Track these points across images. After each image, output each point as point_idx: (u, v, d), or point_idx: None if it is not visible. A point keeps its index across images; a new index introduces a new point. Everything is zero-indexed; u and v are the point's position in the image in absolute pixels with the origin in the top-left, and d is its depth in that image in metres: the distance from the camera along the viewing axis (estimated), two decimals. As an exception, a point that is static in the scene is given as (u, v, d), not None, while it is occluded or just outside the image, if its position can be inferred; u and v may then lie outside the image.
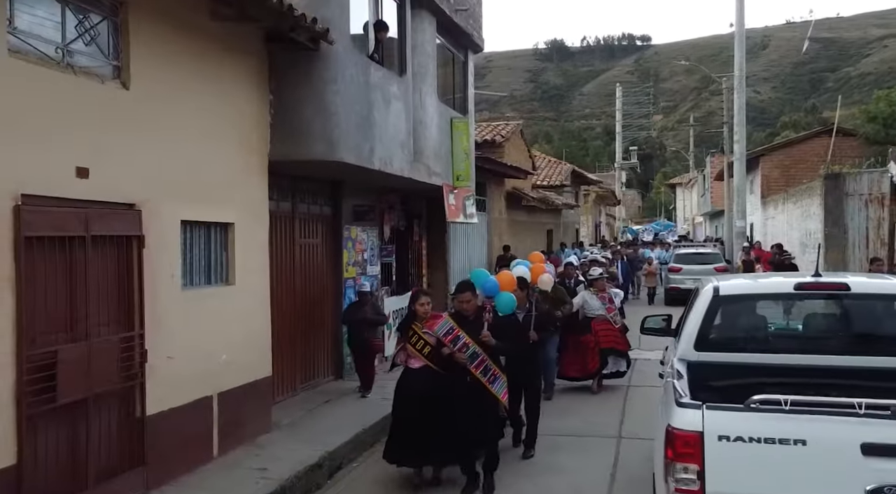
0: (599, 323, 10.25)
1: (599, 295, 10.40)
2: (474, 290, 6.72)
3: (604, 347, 10.14)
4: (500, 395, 6.48)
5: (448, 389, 6.45)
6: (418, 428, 6.44)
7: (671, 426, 3.52)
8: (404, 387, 6.71)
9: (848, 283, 4.72)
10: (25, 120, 4.95)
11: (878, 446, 3.17)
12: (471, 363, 6.32)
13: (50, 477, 5.11)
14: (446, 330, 6.34)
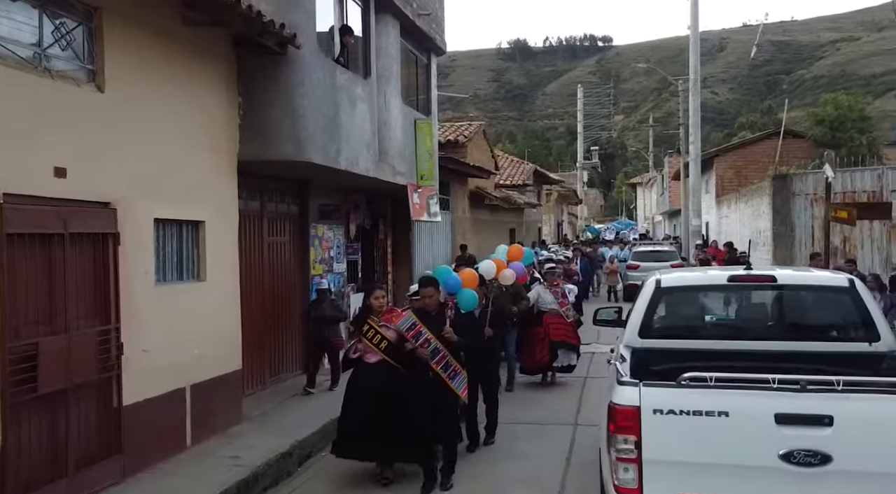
0: (551, 316, 10.39)
1: (553, 290, 10.55)
2: (437, 285, 6.78)
3: (554, 340, 10.29)
4: (460, 391, 6.52)
5: (405, 384, 6.48)
6: (374, 424, 6.44)
7: (612, 402, 3.93)
8: (359, 382, 6.69)
9: (775, 275, 5.21)
10: (5, 122, 5.18)
11: (789, 416, 3.62)
12: (432, 358, 6.33)
13: (32, 464, 5.35)
14: (409, 325, 6.37)
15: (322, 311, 9.63)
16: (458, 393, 6.51)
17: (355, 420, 6.60)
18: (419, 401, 6.40)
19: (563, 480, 6.58)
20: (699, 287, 5.65)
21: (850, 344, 4.82)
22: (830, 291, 5.18)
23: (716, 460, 3.68)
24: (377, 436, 6.45)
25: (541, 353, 10.25)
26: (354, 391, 6.72)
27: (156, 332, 6.73)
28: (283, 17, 8.05)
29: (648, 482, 3.74)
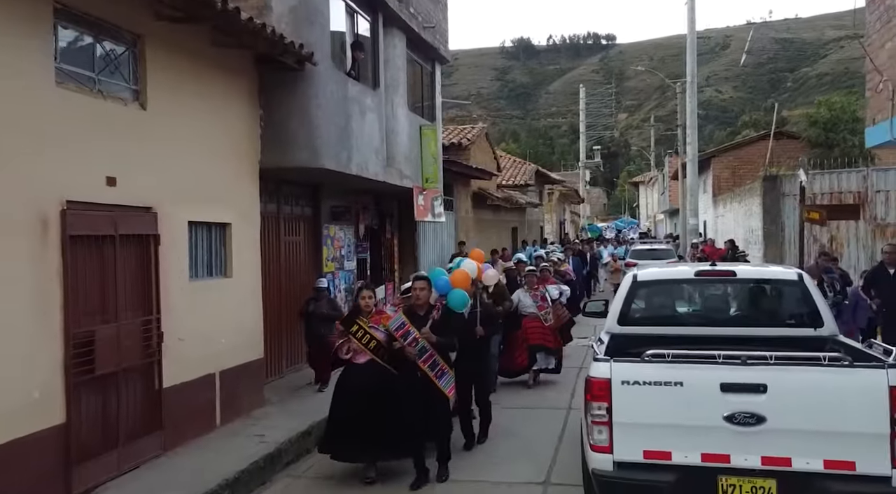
0: (530, 320, 10.31)
1: (532, 293, 10.46)
2: (429, 282, 6.91)
3: (532, 344, 10.24)
4: (447, 390, 6.58)
5: (394, 384, 6.59)
6: (364, 424, 6.52)
7: (589, 376, 4.70)
8: (348, 382, 6.77)
9: (735, 270, 5.98)
10: (68, 139, 5.97)
11: (732, 384, 4.37)
12: (419, 357, 6.45)
13: (90, 435, 6.15)
14: (398, 324, 6.50)
15: (319, 309, 9.76)
16: (444, 391, 6.57)
17: (343, 419, 6.66)
18: (409, 399, 6.50)
19: (554, 455, 7.33)
20: (670, 281, 6.42)
21: (799, 330, 5.57)
22: (782, 284, 5.94)
23: (672, 421, 4.44)
24: (365, 436, 6.52)
25: (519, 357, 10.24)
26: (343, 390, 6.80)
27: (189, 323, 7.52)
28: (300, 35, 8.85)
29: (618, 441, 4.51)
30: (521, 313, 10.30)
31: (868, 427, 4.17)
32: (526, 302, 10.36)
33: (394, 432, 6.56)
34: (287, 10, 8.96)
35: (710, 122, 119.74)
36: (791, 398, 4.30)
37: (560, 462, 7.06)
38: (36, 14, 5.68)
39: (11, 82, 5.41)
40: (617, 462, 4.53)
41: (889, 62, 8.13)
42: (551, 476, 6.73)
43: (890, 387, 4.18)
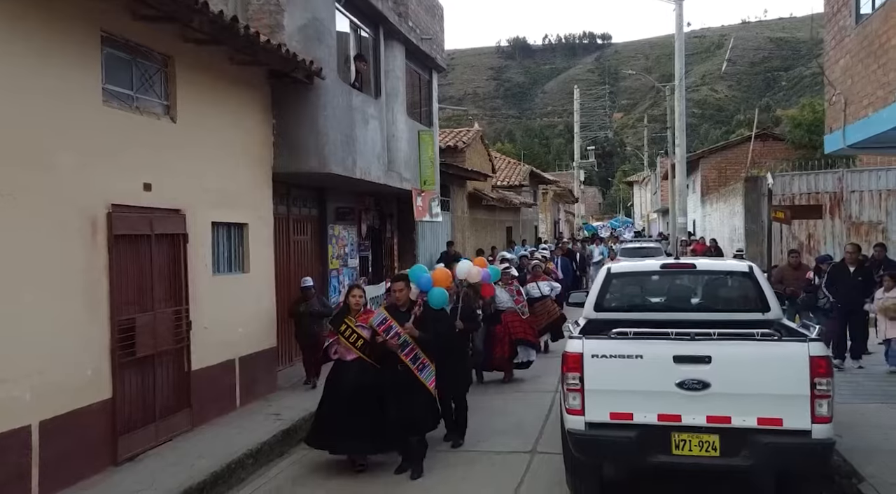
0: (509, 315, 10.50)
1: (508, 288, 10.63)
2: (408, 282, 7.16)
3: (514, 338, 10.49)
4: (428, 382, 6.82)
5: (381, 380, 6.84)
6: (349, 418, 6.74)
7: (565, 351, 5.56)
8: (337, 378, 7.00)
9: (695, 263, 6.86)
10: (114, 150, 6.82)
11: (682, 356, 5.21)
12: (401, 350, 6.72)
13: (132, 410, 7.01)
14: (380, 320, 6.77)
15: (311, 307, 9.91)
16: (426, 384, 6.80)
17: (331, 415, 6.89)
18: (395, 395, 6.75)
19: (541, 429, 8.20)
20: (639, 273, 7.28)
21: (749, 314, 6.42)
22: (735, 275, 6.81)
23: (633, 388, 5.29)
24: (353, 432, 6.76)
25: (500, 350, 10.45)
26: (333, 387, 7.03)
27: (213, 313, 8.37)
28: (309, 52, 9.71)
29: (588, 404, 5.37)
30: (498, 308, 10.49)
31: (793, 389, 5.04)
32: (503, 297, 10.52)
33: (379, 426, 6.75)
34: (297, 29, 9.81)
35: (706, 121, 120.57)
36: (731, 367, 5.17)
37: (546, 435, 7.93)
38: (86, 41, 6.53)
39: (67, 103, 6.26)
40: (588, 423, 5.39)
41: (842, 77, 9.00)
42: (538, 446, 7.61)
43: (810, 357, 5.05)
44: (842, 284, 10.19)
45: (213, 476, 6.61)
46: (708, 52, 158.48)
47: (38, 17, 5.96)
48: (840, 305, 10.18)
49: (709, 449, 5.18)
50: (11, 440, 5.61)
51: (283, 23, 9.77)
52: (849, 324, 10.28)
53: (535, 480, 6.65)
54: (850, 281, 10.16)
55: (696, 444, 5.20)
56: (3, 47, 5.55)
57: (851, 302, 10.11)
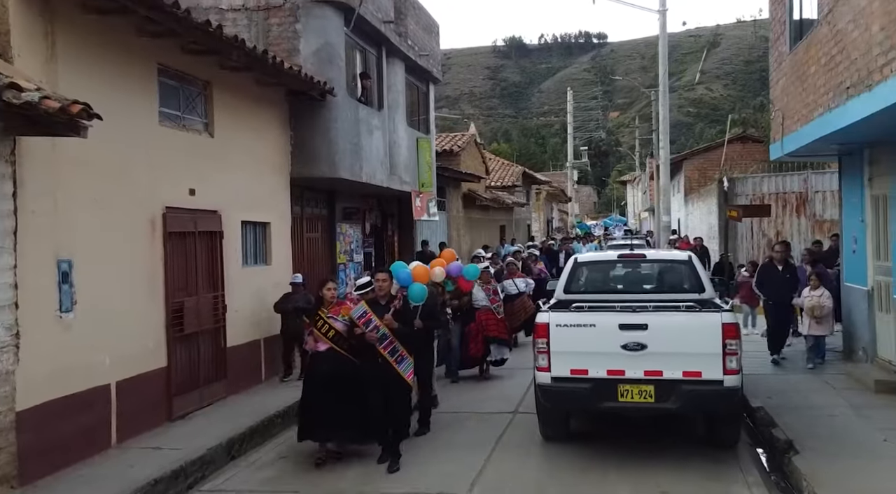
0: (483, 313, 10.62)
1: (484, 288, 10.77)
2: (391, 274, 7.48)
3: (488, 336, 10.63)
4: (406, 374, 7.05)
5: (356, 371, 7.05)
6: (323, 407, 6.96)
7: (536, 322, 7.03)
8: (315, 370, 7.24)
9: (645, 254, 8.34)
10: (167, 163, 8.28)
11: (626, 325, 6.65)
12: (380, 343, 6.93)
13: (181, 377, 8.46)
14: (360, 313, 6.97)
15: (294, 303, 9.95)
16: (404, 376, 7.03)
17: (313, 406, 7.10)
18: (373, 387, 6.98)
19: (523, 396, 9.62)
20: (601, 261, 8.75)
21: (689, 295, 7.84)
22: (678, 263, 8.28)
23: (588, 350, 6.74)
24: (329, 421, 6.98)
25: (474, 348, 10.59)
26: (311, 377, 7.30)
27: (242, 299, 9.82)
28: (322, 73, 11.16)
29: (553, 363, 6.82)
30: (474, 306, 10.64)
31: (709, 349, 6.49)
32: (479, 295, 10.67)
33: (351, 417, 6.99)
34: (311, 52, 11.27)
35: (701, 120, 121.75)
36: (663, 332, 6.62)
37: (526, 400, 9.34)
38: (147, 74, 8.00)
39: (134, 124, 7.70)
40: (553, 378, 6.86)
41: (780, 96, 10.45)
42: (519, 408, 9.08)
43: (722, 324, 6.52)
44: (771, 282, 10.79)
45: (251, 430, 8.07)
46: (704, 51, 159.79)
47: (117, 58, 7.42)
48: (771, 302, 10.83)
49: (646, 397, 6.66)
50: (97, 394, 7.07)
51: (300, 47, 11.22)
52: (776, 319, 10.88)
53: (515, 431, 8.14)
54: (779, 279, 10.71)
55: (637, 393, 6.67)
56: (91, 82, 6.99)
57: (780, 299, 10.68)
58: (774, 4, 10.82)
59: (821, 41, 8.42)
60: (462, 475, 6.68)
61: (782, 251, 11.00)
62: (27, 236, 6.24)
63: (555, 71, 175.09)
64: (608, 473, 6.66)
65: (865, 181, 9.74)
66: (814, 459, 6.54)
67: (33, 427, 6.23)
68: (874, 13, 6.63)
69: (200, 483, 6.85)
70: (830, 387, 9.21)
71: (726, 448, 7.13)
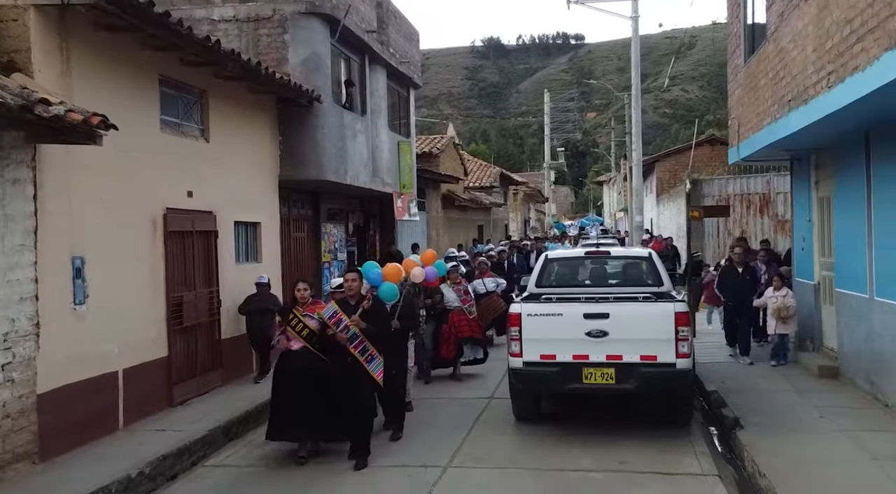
0: (456, 314, 10.63)
1: (455, 288, 10.80)
2: (361, 274, 7.43)
3: (460, 336, 10.65)
4: (376, 374, 7.07)
5: (326, 370, 7.07)
6: (297, 404, 6.99)
7: (509, 312, 7.76)
8: (285, 368, 7.23)
9: (610, 251, 9.13)
10: (168, 167, 8.90)
11: (590, 314, 7.38)
12: (350, 343, 6.93)
13: (181, 366, 9.09)
14: (331, 313, 6.97)
15: (261, 303, 10.09)
16: (373, 375, 7.05)
17: (283, 404, 7.14)
18: (342, 386, 7.00)
19: (500, 383, 10.34)
20: (570, 258, 9.52)
21: (649, 288, 8.61)
22: (639, 259, 9.08)
23: (556, 336, 7.47)
24: (299, 417, 7.00)
25: (446, 350, 10.63)
26: (280, 375, 7.29)
27: (236, 294, 10.43)
28: (309, 81, 11.81)
29: (525, 349, 7.53)
30: (447, 307, 10.69)
31: (663, 335, 7.26)
32: (450, 296, 10.70)
33: (326, 414, 7.03)
34: (299, 62, 11.91)
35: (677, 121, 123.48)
36: (623, 320, 7.38)
37: (503, 387, 10.07)
38: (150, 83, 8.62)
39: (137, 131, 8.30)
40: (524, 362, 7.60)
41: (737, 105, 11.29)
42: (495, 394, 9.81)
43: (675, 313, 7.30)
44: (731, 284, 11.14)
45: (247, 414, 8.72)
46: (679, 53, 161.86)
47: (123, 70, 8.04)
48: (731, 303, 11.18)
49: (607, 378, 7.41)
50: (107, 380, 7.69)
51: (288, 57, 11.86)
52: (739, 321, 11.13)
53: (491, 413, 8.87)
54: (739, 281, 11.05)
55: (599, 375, 7.42)
56: (101, 93, 7.60)
57: (741, 300, 10.95)
58: (731, 19, 11.66)
59: (768, 57, 9.25)
60: (442, 450, 7.40)
61: (741, 253, 11.35)
62: (46, 235, 6.85)
63: (533, 71, 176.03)
64: (573, 448, 7.40)
65: (812, 184, 10.60)
66: (756, 433, 7.35)
67: (52, 409, 6.84)
68: (809, 36, 7.45)
69: (203, 460, 7.50)
70: (779, 374, 10.05)
71: (680, 425, 7.91)
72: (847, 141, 8.69)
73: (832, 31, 6.70)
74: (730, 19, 11.75)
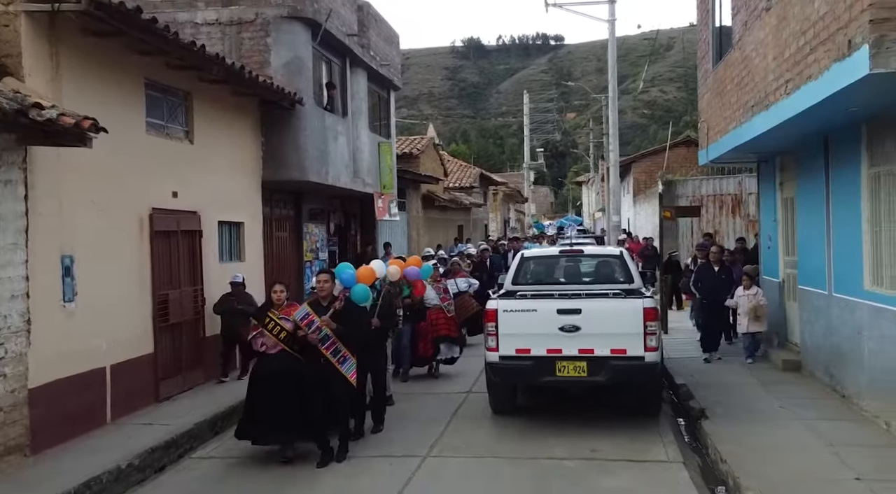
0: (434, 312, 10.70)
1: (435, 286, 10.82)
2: (333, 276, 7.47)
3: (437, 335, 10.67)
4: (349, 375, 7.10)
5: (302, 372, 7.06)
6: (274, 407, 6.97)
7: (486, 308, 8.08)
8: (262, 371, 7.23)
9: (583, 249, 9.50)
10: (152, 166, 9.11)
11: (563, 309, 7.72)
12: (322, 344, 6.97)
13: (169, 363, 9.31)
14: (303, 315, 7.02)
15: (236, 303, 10.08)
16: (346, 376, 7.08)
17: (258, 406, 7.13)
18: (315, 386, 7.00)
19: (477, 378, 10.65)
20: (544, 256, 9.87)
21: (621, 285, 8.96)
22: (610, 257, 9.45)
23: (531, 332, 7.78)
24: (278, 421, 7.00)
25: (423, 348, 10.70)
26: (258, 378, 7.27)
27: (219, 293, 10.63)
28: (292, 84, 12.06)
29: (501, 344, 7.85)
30: (426, 305, 10.72)
31: (632, 329, 7.61)
32: (429, 294, 10.69)
33: (301, 415, 7.02)
34: (282, 65, 12.15)
35: (655, 122, 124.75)
36: (594, 316, 7.72)
37: (480, 382, 10.39)
38: (136, 87, 8.84)
39: (124, 133, 8.51)
40: (500, 356, 7.92)
41: (706, 109, 11.71)
42: (472, 389, 10.13)
43: (643, 308, 7.65)
44: (707, 282, 11.34)
45: (231, 409, 8.94)
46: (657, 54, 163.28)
47: (111, 74, 8.26)
48: (707, 301, 11.32)
49: (580, 371, 7.76)
50: (95, 376, 7.91)
51: (271, 60, 12.10)
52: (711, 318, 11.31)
53: (469, 406, 9.19)
54: (715, 279, 11.27)
55: (572, 368, 7.76)
56: (90, 96, 7.81)
57: (717, 298, 11.11)
58: (701, 26, 12.08)
59: (734, 64, 9.66)
60: (422, 441, 7.70)
61: (717, 252, 11.50)
62: (36, 234, 7.06)
63: (513, 72, 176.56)
64: (548, 437, 7.74)
65: (777, 185, 11.04)
66: (720, 423, 7.74)
67: (43, 403, 7.05)
68: (769, 45, 7.84)
69: (190, 452, 7.74)
70: (745, 368, 10.46)
71: (650, 416, 8.27)
72: (808, 144, 9.12)
73: (789, 42, 7.10)
74: (700, 26, 12.18)
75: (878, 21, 5.11)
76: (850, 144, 7.88)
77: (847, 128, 7.75)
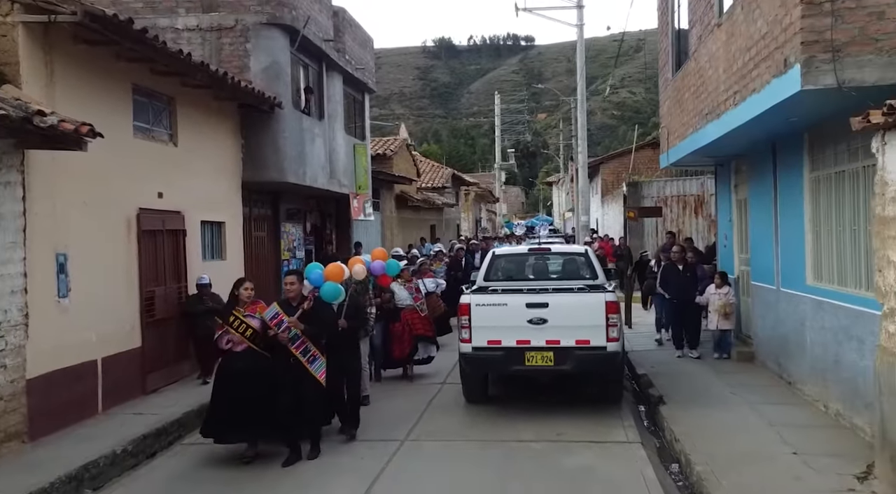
0: (409, 312, 10.67)
1: (406, 286, 10.83)
2: (300, 277, 7.45)
3: (414, 335, 10.65)
4: (318, 374, 7.09)
5: (270, 370, 7.05)
6: (241, 406, 6.93)
7: (460, 302, 8.62)
8: (228, 369, 7.15)
9: (550, 247, 10.08)
10: (140, 170, 9.50)
11: (531, 303, 8.28)
12: (292, 344, 6.98)
13: (154, 357, 9.70)
14: (273, 314, 7.02)
15: (204, 305, 9.97)
16: (316, 376, 7.07)
17: (224, 404, 7.07)
18: (283, 385, 6.99)
19: (451, 370, 11.19)
20: (514, 254, 10.45)
21: (585, 281, 9.55)
22: (576, 255, 10.06)
23: (501, 324, 8.33)
24: (244, 420, 6.98)
25: (399, 349, 10.61)
26: (224, 376, 7.19)
27: (202, 290, 11.05)
28: (270, 88, 12.49)
29: (473, 336, 8.38)
30: (398, 306, 10.67)
31: (595, 322, 8.20)
32: (402, 295, 10.70)
33: (268, 415, 7.00)
34: (261, 69, 12.57)
35: (625, 123, 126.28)
36: (560, 309, 8.30)
37: (454, 374, 10.92)
38: (124, 92, 9.22)
39: (113, 136, 8.85)
40: (473, 347, 8.46)
41: (667, 115, 12.39)
42: (447, 380, 10.66)
43: (605, 302, 8.25)
44: (674, 281, 11.56)
45: (216, 401, 9.37)
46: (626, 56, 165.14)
47: (101, 81, 8.64)
48: (675, 301, 11.53)
49: (547, 361, 8.33)
50: (87, 368, 8.29)
51: (250, 65, 12.51)
52: (683, 317, 11.46)
53: (443, 396, 9.73)
54: (681, 278, 11.47)
55: (540, 358, 8.33)
56: (82, 102, 8.19)
57: (684, 297, 11.31)
58: (661, 36, 12.75)
59: (691, 74, 10.31)
60: (400, 427, 8.22)
61: (679, 252, 11.65)
62: (33, 233, 7.44)
63: (484, 72, 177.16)
64: (517, 423, 8.30)
65: (732, 187, 11.73)
66: (675, 407, 8.36)
67: (40, 393, 7.44)
68: (720, 58, 8.49)
69: (179, 439, 8.17)
70: (705, 360, 11.13)
71: (612, 403, 8.88)
72: (759, 150, 9.80)
73: (737, 56, 7.74)
74: (661, 36, 12.84)
75: (809, 43, 5.74)
76: (795, 150, 8.55)
77: (791, 135, 8.42)
